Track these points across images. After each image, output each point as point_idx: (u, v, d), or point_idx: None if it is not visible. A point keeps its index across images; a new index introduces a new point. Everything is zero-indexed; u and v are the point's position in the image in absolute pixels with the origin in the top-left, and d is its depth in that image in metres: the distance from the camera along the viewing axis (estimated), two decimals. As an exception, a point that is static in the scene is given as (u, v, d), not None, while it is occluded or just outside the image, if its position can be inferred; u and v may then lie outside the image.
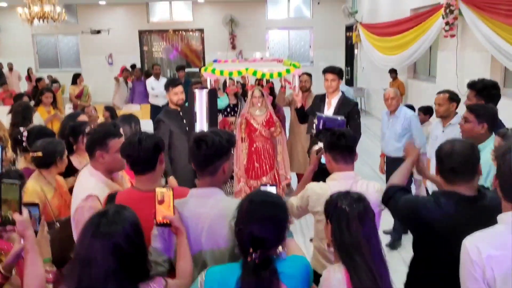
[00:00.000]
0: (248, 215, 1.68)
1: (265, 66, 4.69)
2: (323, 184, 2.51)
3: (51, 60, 16.70)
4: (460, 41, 6.78)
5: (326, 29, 15.68)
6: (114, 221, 1.56)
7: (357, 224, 1.74)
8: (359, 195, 1.86)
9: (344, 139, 2.48)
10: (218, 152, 1.96)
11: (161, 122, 4.23)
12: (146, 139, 2.10)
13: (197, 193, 2.03)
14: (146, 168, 2.12)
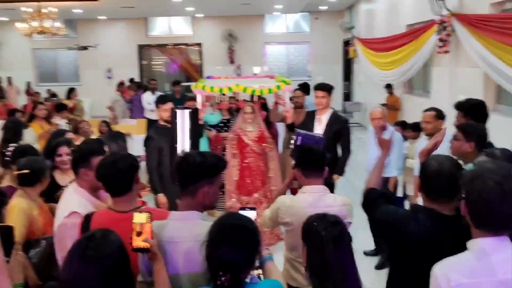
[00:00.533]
0: (218, 238, 1.66)
1: (256, 83, 4.71)
2: (293, 197, 2.65)
3: (51, 74, 16.79)
4: (453, 57, 6.80)
5: (324, 44, 15.78)
6: (102, 245, 1.55)
7: (332, 248, 1.72)
8: (335, 218, 1.84)
9: (313, 155, 2.60)
10: (199, 173, 1.92)
11: (151, 139, 4.23)
12: (121, 160, 2.08)
13: (176, 216, 2.00)
14: (123, 189, 2.10)
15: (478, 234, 1.59)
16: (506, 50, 5.18)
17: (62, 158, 3.33)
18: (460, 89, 6.74)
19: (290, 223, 2.54)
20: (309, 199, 2.53)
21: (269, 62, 16.47)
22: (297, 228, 2.48)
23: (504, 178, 1.53)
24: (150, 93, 9.23)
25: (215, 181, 1.98)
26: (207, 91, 4.57)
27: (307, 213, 2.38)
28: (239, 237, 1.65)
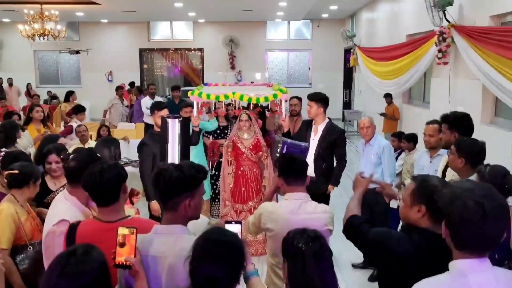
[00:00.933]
0: (202, 253, 1.63)
1: (252, 91, 4.70)
2: (275, 203, 2.74)
3: (52, 76, 16.83)
4: (452, 69, 6.80)
5: (325, 52, 15.81)
6: (82, 262, 1.52)
7: (313, 264, 1.71)
8: (315, 233, 1.84)
9: (294, 163, 2.68)
10: (176, 188, 1.87)
11: (145, 145, 4.22)
12: (108, 170, 2.05)
13: (160, 230, 1.95)
14: (109, 199, 2.07)
15: (458, 255, 1.56)
16: (505, 63, 5.17)
17: (52, 166, 3.32)
18: (458, 101, 6.73)
19: (271, 229, 2.61)
20: (291, 206, 2.60)
21: (270, 68, 16.51)
22: (278, 234, 2.53)
23: (484, 198, 1.49)
24: (148, 97, 9.23)
25: (196, 193, 1.94)
26: (203, 98, 4.56)
27: (288, 220, 2.51)
28: (224, 252, 1.63)
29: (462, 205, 1.49)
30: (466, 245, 1.53)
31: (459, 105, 6.72)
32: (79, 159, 2.54)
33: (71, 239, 2.06)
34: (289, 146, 3.00)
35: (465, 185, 1.58)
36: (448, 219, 1.55)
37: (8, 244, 2.70)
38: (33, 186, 2.87)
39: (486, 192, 1.52)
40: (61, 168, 3.34)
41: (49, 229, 2.35)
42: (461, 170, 3.01)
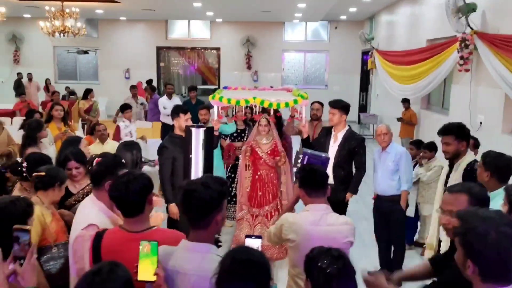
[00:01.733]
0: (230, 274, 1.63)
1: (273, 96, 4.69)
2: (296, 214, 2.73)
3: (70, 72, 17.03)
4: (474, 76, 6.71)
5: (342, 54, 15.73)
6: (108, 280, 1.54)
7: (336, 284, 1.70)
8: (339, 252, 1.81)
9: (315, 175, 2.68)
10: (210, 207, 1.89)
11: (165, 149, 4.25)
12: (134, 181, 2.06)
13: (186, 246, 1.94)
14: (135, 211, 2.08)
15: (483, 286, 1.54)
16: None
17: (72, 172, 3.35)
18: (479, 109, 6.64)
19: (292, 239, 2.62)
20: (312, 217, 2.61)
21: (286, 69, 16.48)
22: (299, 245, 2.58)
23: (509, 226, 1.49)
24: (166, 97, 9.27)
25: (223, 206, 1.96)
26: (224, 102, 4.56)
27: (309, 231, 2.52)
28: (252, 272, 1.63)
29: (495, 240, 1.48)
30: (497, 277, 1.51)
31: (480, 113, 6.64)
32: (103, 163, 2.57)
33: (97, 248, 2.08)
34: (310, 157, 3.01)
35: (481, 215, 1.56)
36: (478, 256, 1.52)
37: None
38: (58, 189, 2.90)
39: (506, 220, 1.53)
40: (81, 173, 3.39)
41: (78, 233, 2.38)
42: (488, 184, 2.98)
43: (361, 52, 15.10)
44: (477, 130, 6.45)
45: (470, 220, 1.56)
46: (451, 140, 3.52)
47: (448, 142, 3.52)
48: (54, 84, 15.36)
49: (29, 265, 1.87)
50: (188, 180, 2.15)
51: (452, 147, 3.52)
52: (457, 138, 3.53)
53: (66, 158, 3.43)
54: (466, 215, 1.60)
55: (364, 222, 5.71)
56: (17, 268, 1.85)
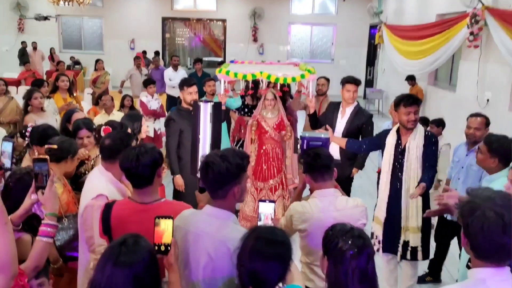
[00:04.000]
0: (253, 253, 1.66)
1: (280, 70, 4.66)
2: (305, 203, 2.60)
3: (75, 41, 16.89)
4: (483, 53, 6.63)
5: (349, 27, 15.50)
6: (134, 251, 1.58)
7: (356, 264, 1.68)
8: (359, 232, 1.79)
9: (319, 159, 2.55)
10: (226, 178, 1.93)
11: (172, 121, 4.27)
12: (144, 154, 2.09)
13: (209, 211, 2.01)
14: (144, 183, 2.13)
15: (478, 263, 1.56)
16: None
17: (83, 141, 3.39)
18: (487, 86, 6.60)
19: (303, 229, 2.54)
20: (321, 204, 2.53)
21: (292, 43, 16.29)
22: (311, 234, 2.52)
23: (504, 208, 1.49)
24: (172, 69, 9.22)
25: (242, 179, 2.00)
26: (231, 76, 4.54)
27: (320, 219, 2.44)
28: (275, 253, 1.66)
29: (482, 217, 1.49)
30: (486, 255, 1.53)
31: (487, 91, 6.59)
32: (114, 137, 2.60)
33: (107, 219, 2.13)
34: (309, 140, 2.84)
35: (484, 194, 1.57)
36: (467, 230, 1.54)
37: None
38: (70, 161, 2.93)
39: (506, 202, 1.51)
40: (91, 143, 3.42)
41: (87, 203, 2.43)
42: (493, 169, 3.01)
43: (368, 26, 14.87)
44: (484, 107, 6.42)
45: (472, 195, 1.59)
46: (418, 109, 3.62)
47: (417, 111, 3.59)
48: (59, 53, 15.25)
49: (50, 192, 2.01)
50: (210, 152, 2.18)
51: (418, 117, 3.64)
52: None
53: (77, 127, 3.46)
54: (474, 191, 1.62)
55: (368, 197, 5.75)
56: (40, 197, 2.01)
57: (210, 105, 2.53)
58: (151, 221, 1.89)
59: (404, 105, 3.55)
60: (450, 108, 7.84)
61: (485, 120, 3.90)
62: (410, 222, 3.57)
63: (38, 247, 1.95)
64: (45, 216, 1.98)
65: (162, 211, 2.02)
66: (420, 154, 3.53)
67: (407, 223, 3.59)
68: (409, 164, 3.54)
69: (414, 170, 3.53)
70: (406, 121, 3.56)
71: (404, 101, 3.57)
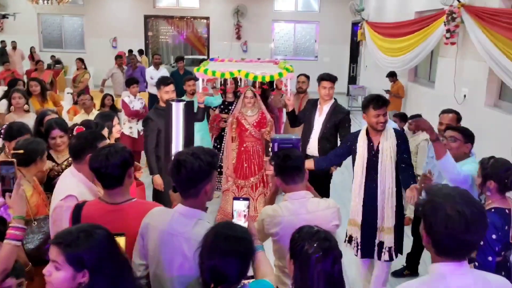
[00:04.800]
0: (212, 249, 1.66)
1: (258, 68, 4.69)
2: (276, 206, 2.53)
3: (56, 40, 16.69)
4: (460, 49, 6.73)
5: (332, 25, 15.59)
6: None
7: (322, 267, 1.68)
8: (325, 234, 1.78)
9: (290, 160, 2.48)
10: (199, 176, 1.93)
11: (150, 120, 4.26)
12: (114, 154, 2.08)
13: (182, 211, 2.01)
14: (114, 183, 2.12)
15: (438, 259, 1.59)
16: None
17: (56, 141, 3.34)
18: (464, 82, 6.70)
19: (275, 233, 2.47)
20: (292, 207, 2.46)
21: (276, 40, 16.32)
22: (283, 237, 2.41)
23: (465, 205, 1.51)
24: (153, 67, 9.18)
25: (213, 177, 2.01)
26: (209, 75, 4.55)
27: (291, 222, 2.34)
28: (234, 248, 1.66)
29: (445, 216, 1.51)
30: (448, 252, 1.56)
31: (464, 87, 6.70)
32: (79, 136, 2.59)
33: (77, 220, 2.12)
34: (280, 142, 2.75)
35: (444, 192, 1.59)
36: (430, 229, 1.56)
37: None
38: (40, 162, 2.90)
39: (466, 199, 1.54)
40: (64, 143, 3.38)
41: (57, 203, 2.42)
42: (465, 155, 3.21)
43: (351, 24, 14.98)
44: (461, 103, 6.53)
45: (432, 194, 1.60)
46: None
47: (386, 112, 3.57)
48: (39, 52, 15.06)
49: (17, 195, 2.00)
50: (180, 151, 2.17)
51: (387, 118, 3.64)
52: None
53: (50, 127, 3.42)
54: (432, 189, 1.65)
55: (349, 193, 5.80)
56: (7, 200, 2.01)
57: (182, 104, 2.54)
58: (122, 222, 1.90)
59: (374, 107, 3.50)
60: (429, 104, 7.95)
61: (456, 115, 3.97)
62: (386, 223, 3.60)
63: (6, 250, 1.93)
64: (12, 219, 1.97)
65: (133, 211, 2.03)
66: (394, 155, 3.54)
67: (382, 224, 3.61)
68: (383, 165, 3.54)
69: (389, 171, 3.53)
70: (375, 123, 3.53)
71: (373, 103, 3.52)
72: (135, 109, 6.74)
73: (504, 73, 5.31)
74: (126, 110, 6.71)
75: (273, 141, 2.76)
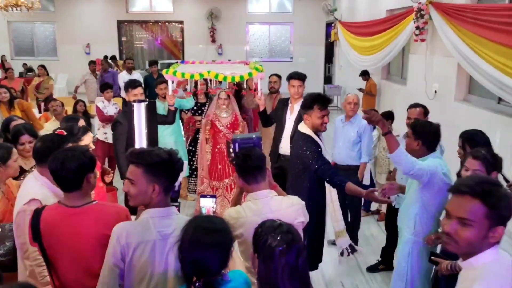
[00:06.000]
0: (192, 242, 1.66)
1: (228, 69, 4.67)
2: (239, 207, 2.47)
3: (27, 48, 16.36)
4: (429, 46, 6.85)
5: (306, 25, 15.69)
6: None
7: (286, 260, 1.68)
8: (288, 227, 1.77)
9: (250, 160, 2.42)
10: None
11: (118, 124, 4.20)
12: (71, 158, 2.04)
13: (156, 213, 1.95)
14: (70, 187, 2.08)
15: None
16: (480, 42, 5.23)
17: (25, 146, 3.28)
18: (434, 78, 6.81)
19: (240, 234, 2.39)
20: (254, 207, 2.40)
21: (251, 42, 16.33)
22: (248, 239, 2.32)
23: None
24: (126, 72, 9.08)
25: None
26: (178, 77, 4.51)
27: (255, 222, 2.20)
28: (214, 240, 1.67)
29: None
30: None
31: (435, 82, 6.81)
32: (45, 139, 2.54)
33: (36, 225, 2.07)
34: (240, 143, 2.69)
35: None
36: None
37: None
38: (3, 167, 2.82)
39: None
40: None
41: (20, 208, 2.39)
42: (418, 152, 3.10)
43: (325, 24, 15.10)
44: (432, 98, 6.63)
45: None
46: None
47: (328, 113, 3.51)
48: (10, 60, 14.75)
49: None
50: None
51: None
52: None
53: (18, 132, 3.34)
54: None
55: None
56: None
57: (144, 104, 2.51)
58: (83, 225, 1.85)
59: (320, 108, 3.38)
60: (402, 101, 8.03)
61: (423, 110, 4.01)
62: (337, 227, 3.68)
63: None
64: None
65: (93, 214, 1.98)
66: None
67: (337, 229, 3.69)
68: None
69: None
70: (320, 125, 3.42)
71: (319, 103, 3.38)
72: (109, 114, 6.63)
73: (472, 68, 5.42)
74: (100, 115, 6.61)
75: (233, 142, 2.70)
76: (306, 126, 3.52)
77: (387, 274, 4.38)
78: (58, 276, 2.08)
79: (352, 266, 4.54)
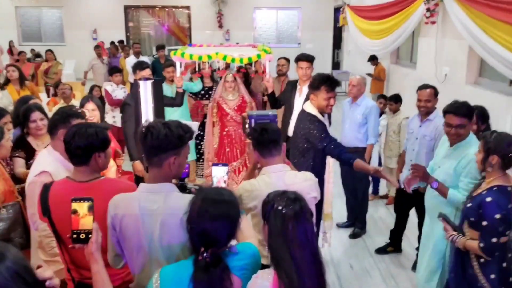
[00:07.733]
0: (200, 214, 1.67)
1: (236, 51, 4.63)
2: (253, 180, 2.52)
3: (35, 33, 16.36)
4: (440, 28, 6.74)
5: (314, 10, 15.51)
6: None
7: (293, 225, 1.68)
8: (296, 195, 1.79)
9: (267, 133, 2.46)
10: (163, 145, 1.87)
11: (127, 106, 4.19)
12: (82, 135, 2.04)
13: (146, 188, 1.94)
14: (78, 161, 2.09)
15: None
16: (492, 23, 5.12)
17: (37, 123, 3.29)
18: (445, 61, 6.72)
19: (253, 207, 2.45)
20: (268, 180, 2.44)
21: (258, 28, 16.19)
22: (260, 211, 2.47)
23: None
24: (133, 56, 9.06)
25: (181, 152, 1.95)
26: (186, 58, 4.48)
27: None
28: (222, 212, 1.67)
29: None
30: None
31: (445, 66, 6.72)
32: (58, 112, 2.62)
33: (45, 199, 2.09)
34: (257, 118, 2.76)
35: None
36: None
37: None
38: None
39: None
40: (45, 125, 3.30)
41: (31, 179, 2.46)
42: (466, 135, 3.11)
43: (333, 9, 14.92)
44: (442, 82, 6.55)
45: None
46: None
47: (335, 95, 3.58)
48: (18, 46, 14.73)
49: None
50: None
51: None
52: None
53: (28, 110, 3.34)
54: None
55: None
56: None
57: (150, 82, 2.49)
58: (91, 200, 1.84)
59: (327, 90, 3.38)
60: (412, 85, 7.92)
61: (433, 90, 3.96)
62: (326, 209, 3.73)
63: None
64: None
65: (101, 189, 1.98)
66: None
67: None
68: None
69: None
70: (326, 106, 3.43)
71: (326, 85, 3.38)
72: (117, 98, 6.65)
73: (484, 50, 5.32)
74: (109, 99, 6.63)
75: (249, 117, 2.77)
76: (312, 105, 3.52)
77: (395, 256, 4.38)
78: (68, 251, 2.09)
79: (361, 248, 4.55)
